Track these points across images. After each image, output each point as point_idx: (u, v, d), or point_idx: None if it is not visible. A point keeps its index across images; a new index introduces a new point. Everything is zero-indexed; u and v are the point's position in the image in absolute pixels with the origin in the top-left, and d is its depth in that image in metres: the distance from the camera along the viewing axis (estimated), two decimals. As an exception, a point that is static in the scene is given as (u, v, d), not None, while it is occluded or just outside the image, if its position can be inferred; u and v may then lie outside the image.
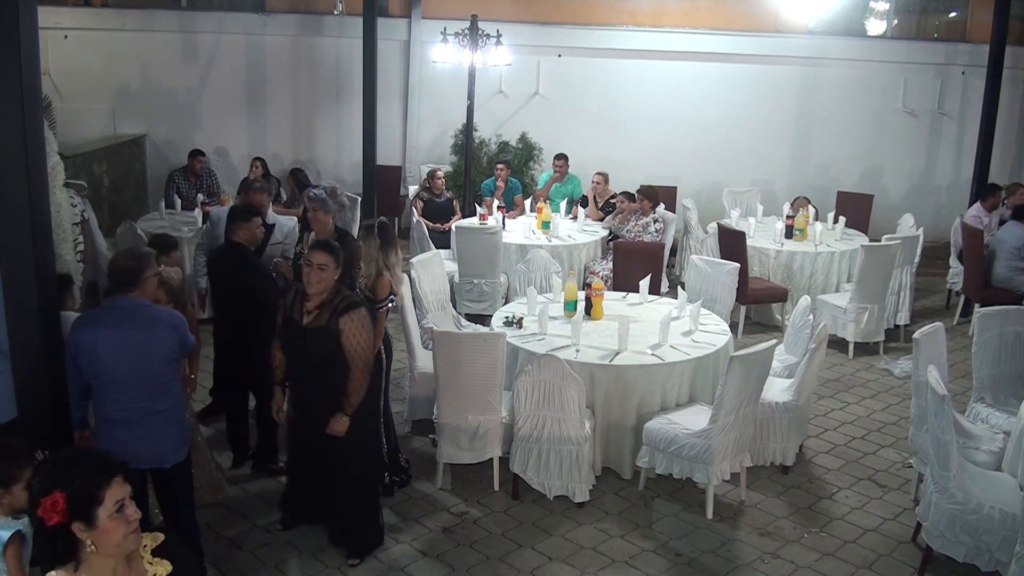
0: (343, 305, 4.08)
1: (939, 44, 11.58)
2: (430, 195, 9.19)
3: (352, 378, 4.13)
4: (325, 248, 4.10)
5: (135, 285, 3.81)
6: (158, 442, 3.81)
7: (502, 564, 4.45)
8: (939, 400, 4.00)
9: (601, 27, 11.30)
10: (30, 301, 3.56)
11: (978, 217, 8.67)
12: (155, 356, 3.76)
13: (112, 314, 3.80)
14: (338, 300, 4.10)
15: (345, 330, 4.05)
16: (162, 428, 3.81)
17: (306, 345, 4.12)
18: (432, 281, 6.53)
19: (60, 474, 2.04)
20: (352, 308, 4.08)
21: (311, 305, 4.10)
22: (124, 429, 3.74)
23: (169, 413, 3.83)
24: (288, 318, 4.20)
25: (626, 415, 5.18)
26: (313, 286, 4.04)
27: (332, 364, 4.11)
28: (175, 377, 3.86)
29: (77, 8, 11.83)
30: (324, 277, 4.04)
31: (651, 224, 8.29)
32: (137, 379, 3.72)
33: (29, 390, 3.66)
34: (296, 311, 4.17)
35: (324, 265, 4.02)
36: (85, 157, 9.81)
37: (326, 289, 4.08)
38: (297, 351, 4.19)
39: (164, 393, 3.81)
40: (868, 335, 7.53)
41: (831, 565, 4.49)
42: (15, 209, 3.47)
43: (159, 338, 3.77)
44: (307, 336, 4.11)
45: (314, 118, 11.81)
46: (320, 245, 4.13)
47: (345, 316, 4.05)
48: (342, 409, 4.17)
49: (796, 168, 11.46)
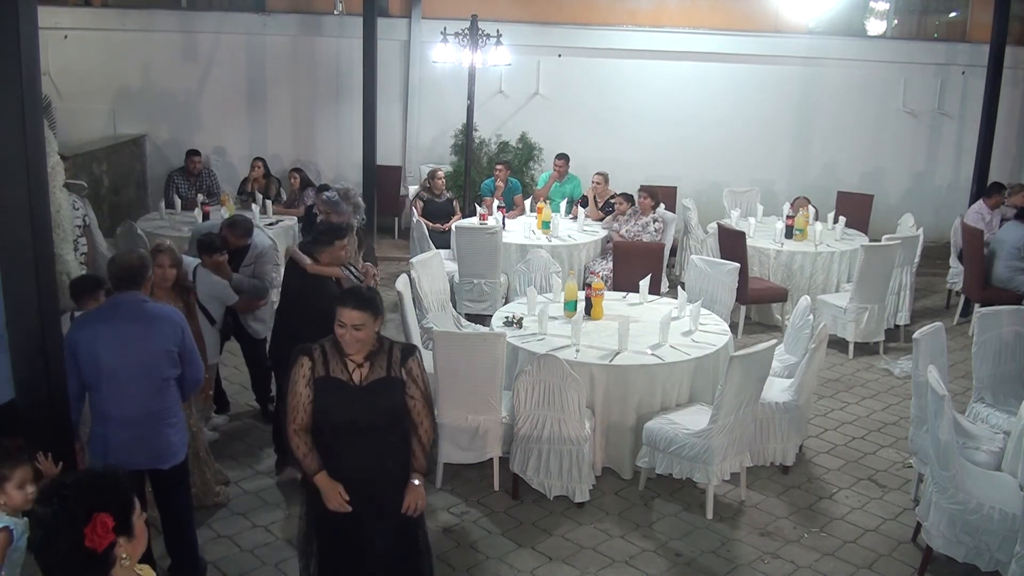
0: (400, 350, 3.45)
1: (939, 44, 11.57)
2: (430, 195, 9.19)
3: (422, 429, 3.48)
4: (357, 303, 3.32)
5: (139, 283, 3.83)
6: (157, 443, 3.80)
7: (502, 564, 4.45)
8: (939, 400, 4.00)
9: (601, 27, 11.29)
10: (30, 301, 3.56)
11: (980, 215, 8.67)
12: (155, 350, 3.76)
13: (113, 311, 3.81)
14: (387, 346, 3.46)
15: (412, 376, 3.43)
16: (161, 428, 3.80)
17: (366, 407, 3.35)
18: (432, 281, 6.53)
19: (93, 498, 1.98)
20: (412, 352, 3.48)
21: (358, 359, 3.39)
22: (123, 428, 3.74)
23: (167, 412, 3.83)
24: (328, 380, 3.37)
25: (626, 415, 5.18)
26: (356, 347, 3.35)
27: (395, 423, 3.44)
28: (174, 375, 3.85)
29: (77, 8, 11.83)
30: (363, 337, 3.34)
31: (651, 224, 8.30)
32: (137, 376, 3.72)
33: (29, 390, 3.67)
34: (335, 370, 3.37)
35: (360, 325, 3.31)
36: (85, 157, 9.81)
37: (371, 342, 3.40)
38: (351, 419, 3.36)
39: (163, 392, 3.81)
40: (868, 335, 7.53)
41: (831, 565, 4.50)
42: (15, 209, 3.48)
43: (159, 331, 3.78)
44: (366, 395, 3.35)
45: (314, 118, 11.80)
46: (351, 300, 3.34)
47: (409, 361, 3.43)
48: (416, 470, 3.49)
49: (796, 168, 11.46)
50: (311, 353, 3.38)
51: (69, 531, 1.92)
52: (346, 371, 3.37)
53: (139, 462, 3.71)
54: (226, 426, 5.91)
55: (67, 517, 1.92)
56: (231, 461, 5.41)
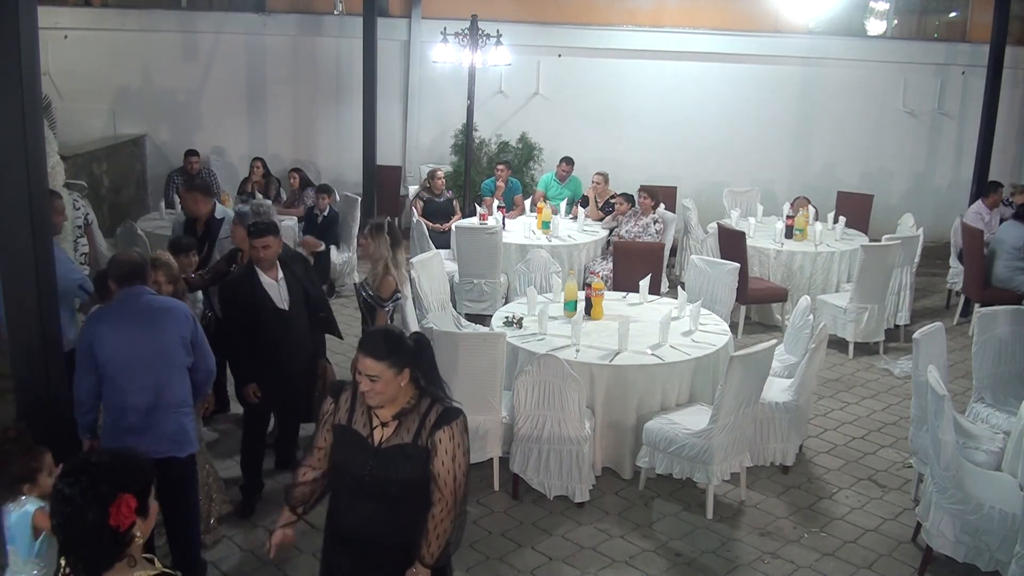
0: (437, 414, 2.87)
1: (939, 44, 11.58)
2: (430, 195, 9.19)
3: (438, 516, 2.85)
4: (371, 349, 2.81)
5: (144, 278, 3.91)
6: (175, 429, 3.87)
7: (502, 564, 4.45)
8: (939, 400, 4.00)
9: (601, 27, 11.30)
10: (30, 301, 3.57)
11: (979, 215, 8.67)
12: (170, 338, 3.85)
13: (124, 304, 3.86)
14: (426, 406, 2.89)
15: (440, 449, 2.83)
16: (178, 416, 3.88)
17: (379, 471, 2.84)
18: (432, 281, 6.53)
19: (119, 478, 2.03)
20: (450, 419, 2.87)
21: (386, 415, 2.87)
22: (140, 418, 3.79)
23: (182, 402, 3.91)
24: (346, 430, 2.92)
25: (626, 415, 5.18)
26: (374, 398, 2.82)
27: (413, 496, 2.87)
28: (187, 363, 3.93)
29: (77, 8, 11.84)
30: (382, 388, 2.80)
31: (651, 224, 8.30)
32: (153, 365, 3.80)
33: (29, 390, 3.67)
34: (358, 421, 2.91)
35: (376, 377, 2.78)
36: (85, 157, 9.82)
37: (395, 396, 2.84)
38: (362, 479, 2.87)
39: (178, 381, 3.89)
40: (868, 335, 7.53)
41: (831, 565, 4.49)
42: (15, 209, 3.48)
43: (172, 321, 3.88)
44: (380, 460, 2.85)
45: (314, 118, 11.81)
46: (366, 344, 2.84)
47: (441, 430, 2.84)
48: (420, 560, 2.88)
49: (796, 168, 11.46)
50: (339, 396, 2.97)
51: (95, 509, 1.96)
52: (368, 426, 2.89)
53: (159, 450, 3.72)
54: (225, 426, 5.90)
55: (94, 495, 1.97)
56: (231, 460, 5.40)
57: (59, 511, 1.99)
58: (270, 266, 4.83)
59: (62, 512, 1.98)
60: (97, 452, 2.08)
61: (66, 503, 1.98)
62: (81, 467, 2.02)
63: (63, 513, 1.98)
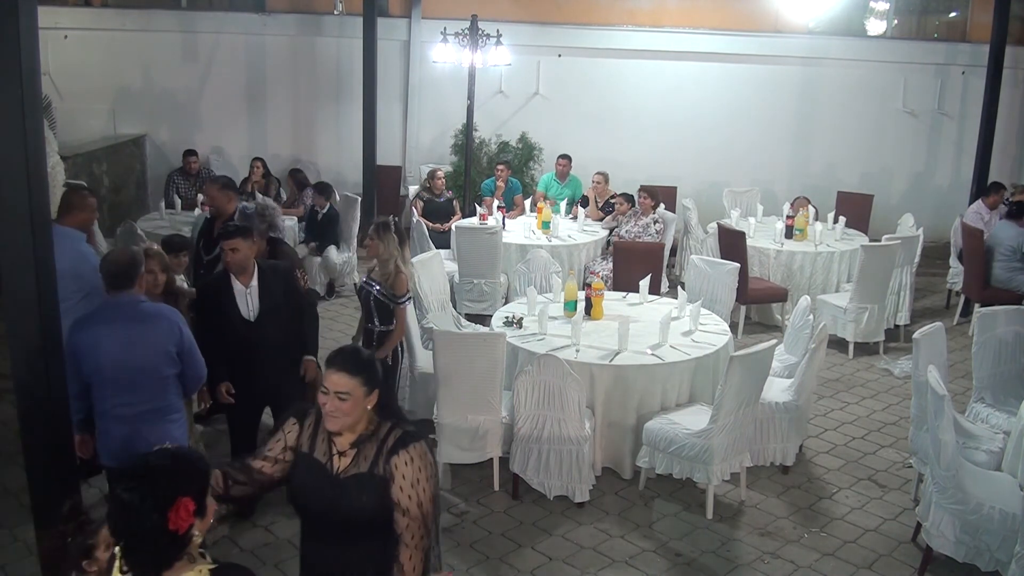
0: (395, 439, 2.67)
1: (939, 44, 11.57)
2: (430, 195, 9.19)
3: (409, 548, 2.63)
4: (345, 364, 2.64)
5: (131, 283, 3.85)
6: (157, 438, 3.79)
7: (502, 564, 4.45)
8: (939, 400, 4.00)
9: (601, 27, 11.30)
10: (30, 301, 3.56)
11: (979, 214, 8.67)
12: (155, 349, 3.80)
13: (111, 311, 3.83)
14: (385, 432, 2.69)
15: (398, 475, 2.62)
16: (163, 425, 3.84)
17: (337, 502, 2.67)
18: (432, 281, 6.53)
19: (176, 482, 2.03)
20: (407, 443, 2.66)
21: (344, 443, 2.69)
22: (124, 425, 3.78)
23: (169, 408, 3.88)
24: (307, 458, 2.74)
25: (626, 415, 5.18)
26: (336, 422, 2.64)
27: (379, 533, 2.68)
28: (173, 373, 3.89)
29: (77, 8, 11.83)
30: (349, 408, 2.62)
31: (651, 225, 8.30)
32: (138, 375, 3.77)
33: (29, 390, 3.67)
34: (319, 449, 2.73)
35: (346, 395, 2.60)
36: (85, 157, 9.82)
37: (358, 421, 2.67)
38: (322, 512, 2.72)
39: (164, 389, 3.86)
40: (868, 335, 7.53)
41: (831, 565, 4.50)
42: (15, 209, 3.47)
43: (158, 332, 3.82)
44: (340, 490, 2.67)
45: (314, 118, 11.80)
46: (339, 359, 2.66)
47: (398, 455, 2.64)
48: None
49: (796, 168, 11.45)
50: (303, 419, 2.78)
51: (154, 515, 1.97)
52: (328, 453, 2.71)
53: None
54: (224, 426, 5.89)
55: (153, 502, 1.97)
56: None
57: (118, 517, 2.00)
58: (241, 271, 4.60)
59: (122, 518, 1.99)
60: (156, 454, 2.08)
61: (125, 509, 1.98)
62: (140, 472, 2.01)
63: (123, 519, 1.99)
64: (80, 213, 4.75)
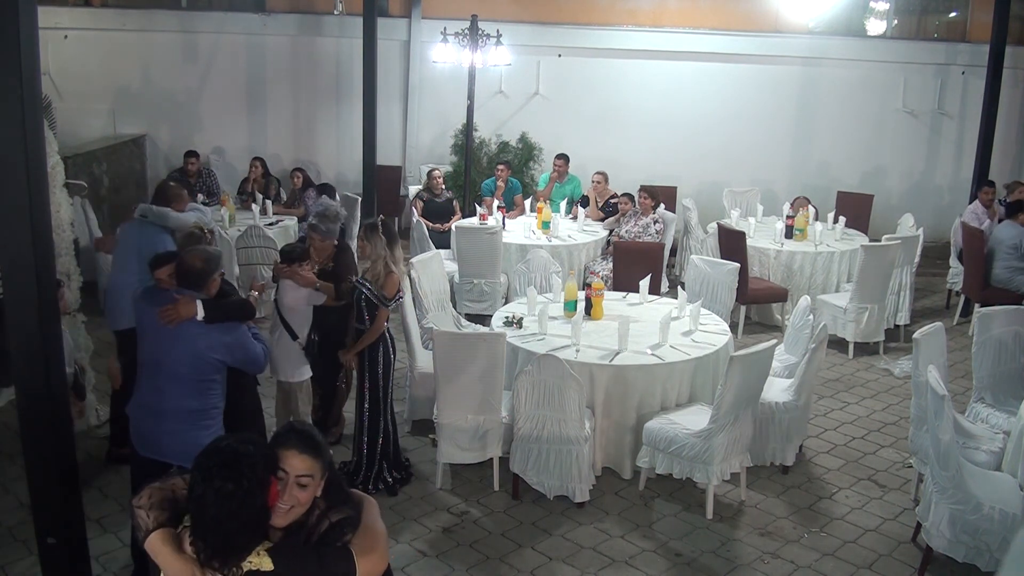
0: (326, 527, 2.27)
1: (939, 44, 11.57)
2: (430, 195, 9.19)
3: None
4: (308, 443, 2.26)
5: (201, 287, 3.83)
6: (185, 440, 3.67)
7: (502, 564, 4.45)
8: (939, 400, 4.00)
9: (601, 27, 11.30)
10: (30, 301, 3.56)
11: (976, 214, 8.66)
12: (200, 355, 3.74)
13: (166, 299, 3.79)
14: (314, 520, 2.27)
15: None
16: (195, 430, 3.73)
17: None
18: (432, 281, 6.53)
19: (264, 462, 2.18)
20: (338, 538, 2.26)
21: (276, 524, 2.24)
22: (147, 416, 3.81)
23: (204, 415, 3.81)
24: None
25: (626, 415, 5.18)
26: (283, 516, 2.22)
27: None
28: (215, 380, 3.82)
29: (77, 8, 11.83)
30: (307, 498, 2.25)
31: (651, 225, 8.30)
32: (178, 373, 3.73)
33: (29, 390, 3.67)
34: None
35: (310, 478, 2.23)
36: (85, 157, 9.80)
37: (301, 512, 2.26)
38: None
39: (204, 393, 3.79)
40: (868, 335, 7.53)
41: (831, 565, 4.50)
42: (15, 209, 3.47)
43: (207, 339, 3.74)
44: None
45: (314, 118, 11.81)
46: (297, 442, 2.26)
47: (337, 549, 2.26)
48: None
49: (796, 168, 11.46)
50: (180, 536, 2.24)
51: (259, 499, 2.15)
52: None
53: (169, 456, 3.65)
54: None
55: (258, 483, 2.14)
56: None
57: (219, 507, 2.09)
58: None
59: (224, 507, 2.09)
60: (238, 442, 2.16)
61: (230, 498, 2.09)
62: (231, 460, 2.13)
63: (225, 508, 2.09)
64: (177, 204, 5.51)
